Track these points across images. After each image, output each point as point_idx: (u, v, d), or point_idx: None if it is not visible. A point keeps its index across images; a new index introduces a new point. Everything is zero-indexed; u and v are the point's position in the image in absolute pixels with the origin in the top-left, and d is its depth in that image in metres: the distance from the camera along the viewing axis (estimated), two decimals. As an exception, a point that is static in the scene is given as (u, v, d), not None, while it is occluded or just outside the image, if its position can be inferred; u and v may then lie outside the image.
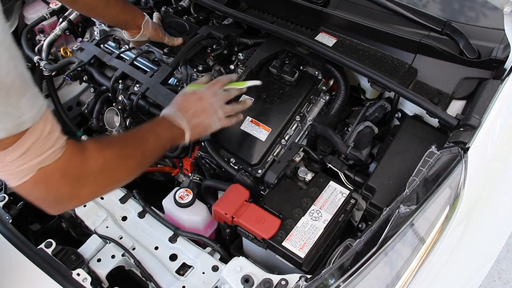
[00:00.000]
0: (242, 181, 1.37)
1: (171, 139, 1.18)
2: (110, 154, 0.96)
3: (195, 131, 1.22)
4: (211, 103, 1.26)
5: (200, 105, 1.25)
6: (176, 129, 1.19)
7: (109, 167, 0.96)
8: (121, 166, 1.00)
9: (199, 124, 1.23)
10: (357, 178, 1.36)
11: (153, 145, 1.11)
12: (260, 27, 1.56)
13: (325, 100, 1.56)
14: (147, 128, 1.15)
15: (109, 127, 1.69)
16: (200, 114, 1.24)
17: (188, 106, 1.24)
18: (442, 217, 1.07)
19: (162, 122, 1.19)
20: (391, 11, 1.49)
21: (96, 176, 0.93)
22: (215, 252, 1.32)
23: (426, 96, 1.35)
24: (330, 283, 1.01)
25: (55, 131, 0.82)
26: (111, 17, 1.57)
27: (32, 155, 0.79)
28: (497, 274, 2.33)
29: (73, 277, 1.18)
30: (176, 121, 1.19)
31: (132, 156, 1.04)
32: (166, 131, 1.17)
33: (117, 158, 0.99)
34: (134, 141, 1.07)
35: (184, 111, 1.22)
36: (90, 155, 0.91)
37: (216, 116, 1.27)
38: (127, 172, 1.04)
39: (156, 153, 1.13)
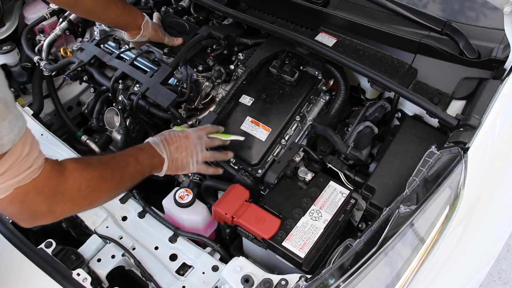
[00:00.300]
0: (242, 181, 1.37)
1: (150, 167, 1.20)
2: (89, 175, 0.99)
3: (172, 165, 1.25)
4: (195, 144, 1.30)
5: (184, 142, 1.28)
6: (157, 158, 1.22)
7: (88, 187, 0.98)
8: (99, 187, 1.02)
9: (178, 160, 1.26)
10: (357, 178, 1.36)
11: (133, 170, 1.13)
12: (260, 27, 1.56)
13: (325, 100, 1.56)
14: (129, 153, 1.18)
15: (109, 127, 1.69)
16: (182, 150, 1.27)
17: (173, 140, 1.27)
18: (442, 217, 1.07)
19: (145, 149, 1.22)
20: (391, 11, 1.49)
21: (73, 194, 0.95)
22: (215, 252, 1.32)
23: (426, 96, 1.35)
24: (330, 283, 1.01)
25: (33, 151, 0.84)
26: (111, 19, 1.57)
27: (10, 176, 0.81)
28: (497, 274, 2.33)
29: (73, 277, 1.18)
30: (158, 150, 1.22)
31: (111, 179, 1.06)
32: (147, 159, 1.19)
33: (96, 179, 1.01)
34: (115, 164, 1.09)
35: (168, 144, 1.25)
36: (70, 174, 0.93)
37: (195, 158, 1.30)
38: (104, 193, 1.06)
39: (134, 178, 1.15)
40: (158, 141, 1.25)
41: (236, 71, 1.64)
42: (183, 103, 1.57)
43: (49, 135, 1.62)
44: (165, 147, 1.24)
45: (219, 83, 1.63)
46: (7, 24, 1.93)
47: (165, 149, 1.24)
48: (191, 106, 1.60)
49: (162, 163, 1.22)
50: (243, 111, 1.51)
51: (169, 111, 1.52)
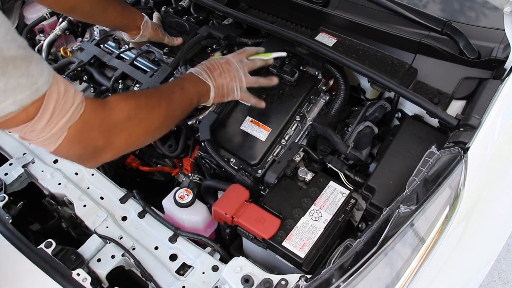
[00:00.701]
0: (242, 181, 1.37)
1: (197, 94, 1.20)
2: (135, 103, 0.99)
3: (218, 91, 1.25)
4: (237, 68, 1.29)
5: (226, 67, 1.28)
6: (202, 85, 1.22)
7: (136, 115, 0.98)
8: (148, 115, 1.03)
9: (223, 85, 1.26)
10: (357, 178, 1.36)
11: (180, 98, 1.14)
12: (260, 27, 1.56)
13: (325, 100, 1.56)
14: (173, 83, 1.21)
15: (109, 127, 1.69)
16: (226, 76, 1.27)
17: (215, 66, 1.27)
18: (442, 217, 1.07)
19: (189, 78, 1.23)
20: (391, 11, 1.49)
21: (124, 124, 0.95)
22: (215, 252, 1.32)
23: (426, 96, 1.35)
24: (330, 283, 1.01)
25: (69, 89, 0.85)
26: (110, 22, 1.57)
27: (59, 116, 0.83)
28: (497, 274, 2.33)
29: (73, 277, 1.18)
30: (202, 77, 1.23)
31: (158, 106, 1.06)
32: (192, 86, 1.19)
33: (143, 106, 1.02)
34: (159, 93, 1.10)
35: (211, 71, 1.25)
36: (114, 105, 0.94)
37: (239, 83, 1.29)
38: (156, 121, 1.06)
39: (183, 106, 1.16)
40: (200, 70, 1.25)
41: (236, 71, 1.64)
42: (183, 103, 1.57)
43: (49, 135, 1.62)
44: (209, 74, 1.24)
45: (219, 83, 1.63)
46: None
47: (208, 76, 1.23)
48: (191, 106, 1.60)
49: (208, 91, 1.22)
50: (243, 111, 1.51)
51: (169, 111, 1.51)
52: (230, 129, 1.49)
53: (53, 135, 0.84)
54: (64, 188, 1.43)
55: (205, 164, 1.53)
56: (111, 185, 1.46)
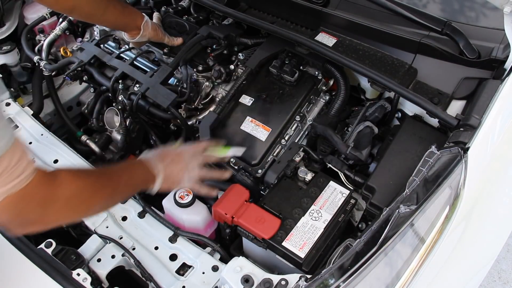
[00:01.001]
0: (242, 181, 1.37)
1: (143, 181, 1.19)
2: (82, 183, 0.98)
3: (166, 180, 1.22)
4: (189, 160, 1.27)
5: (177, 158, 1.27)
6: (149, 173, 1.20)
7: (80, 194, 0.98)
8: (92, 197, 1.02)
9: (171, 175, 1.24)
10: (357, 178, 1.36)
11: (125, 184, 1.13)
12: (260, 27, 1.56)
13: (325, 100, 1.56)
14: (123, 167, 1.19)
15: (109, 127, 1.69)
16: (175, 166, 1.25)
17: (166, 156, 1.26)
18: (442, 217, 1.07)
19: (138, 164, 1.22)
20: (391, 11, 1.49)
21: (65, 203, 0.94)
22: (215, 252, 1.32)
23: (426, 96, 1.35)
24: (330, 283, 1.01)
25: (23, 160, 0.84)
26: (110, 22, 1.57)
27: (1, 184, 0.81)
28: (497, 274, 2.33)
29: (73, 277, 1.18)
30: (151, 166, 1.21)
31: (103, 189, 1.06)
32: (140, 174, 1.19)
33: (89, 188, 1.01)
34: (108, 176, 1.10)
35: (161, 159, 1.24)
36: (62, 182, 0.93)
37: (189, 175, 1.26)
38: (97, 203, 1.06)
39: (127, 191, 1.16)
40: (151, 158, 1.24)
41: (236, 71, 1.64)
42: (183, 103, 1.57)
43: (49, 135, 1.62)
44: (158, 163, 1.22)
45: (219, 83, 1.63)
46: (7, 24, 1.93)
47: (158, 164, 1.22)
48: (191, 106, 1.60)
49: (155, 178, 1.20)
50: (243, 111, 1.51)
51: (169, 111, 1.52)
52: (230, 129, 1.49)
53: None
54: (64, 188, 1.43)
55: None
56: (111, 185, 1.46)
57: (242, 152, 1.39)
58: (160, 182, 1.21)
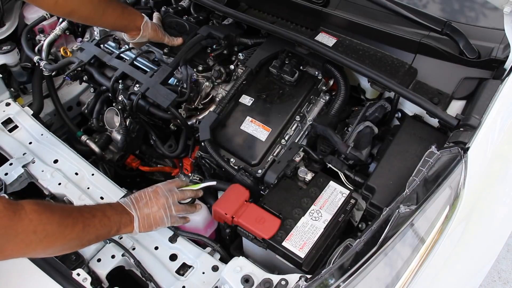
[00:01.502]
0: (242, 181, 1.37)
1: (118, 223, 1.16)
2: (48, 218, 0.96)
3: (145, 222, 1.21)
4: (166, 197, 1.26)
5: (154, 196, 1.25)
6: (125, 215, 1.18)
7: (44, 231, 0.95)
8: (57, 234, 0.99)
9: (150, 215, 1.22)
10: (357, 178, 1.36)
11: (98, 224, 1.10)
12: (260, 27, 1.56)
13: (325, 100, 1.56)
14: (98, 207, 1.16)
15: (109, 127, 1.69)
16: (153, 205, 1.23)
17: (142, 196, 1.24)
18: (442, 217, 1.07)
19: (114, 206, 1.19)
20: (391, 11, 1.49)
21: (27, 236, 0.92)
22: (215, 252, 1.32)
23: (426, 96, 1.35)
24: (330, 283, 1.01)
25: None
26: (109, 24, 1.57)
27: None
28: (497, 274, 2.33)
29: (73, 277, 1.18)
30: (127, 208, 1.20)
31: (72, 227, 1.03)
32: (115, 215, 1.16)
33: (55, 224, 0.98)
34: (78, 214, 1.07)
35: (137, 201, 1.22)
36: (26, 215, 0.91)
37: (168, 212, 1.25)
38: (62, 240, 1.02)
39: (100, 232, 1.11)
40: (127, 200, 1.23)
41: (236, 71, 1.64)
42: (183, 103, 1.57)
43: (49, 135, 1.62)
44: (134, 204, 1.21)
45: (219, 83, 1.63)
46: (7, 24, 1.93)
47: (133, 206, 1.21)
48: (191, 106, 1.60)
49: (132, 221, 1.19)
50: (243, 111, 1.51)
51: (169, 111, 1.52)
52: (230, 129, 1.49)
53: None
54: (64, 188, 1.43)
55: (205, 164, 1.53)
56: (111, 185, 1.46)
57: (214, 183, 1.39)
58: (138, 224, 1.19)
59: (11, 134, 1.63)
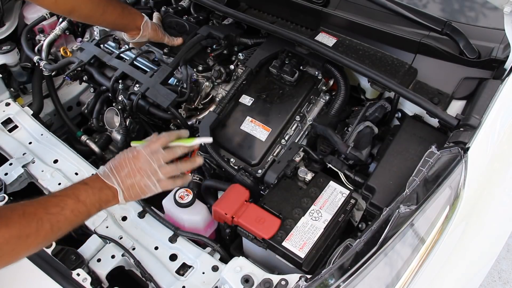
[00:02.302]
0: (242, 181, 1.37)
1: (98, 203, 1.06)
2: (7, 234, 0.89)
3: (129, 192, 1.10)
4: (148, 162, 1.11)
5: (135, 164, 1.11)
6: (105, 190, 1.08)
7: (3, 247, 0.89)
8: (18, 247, 0.92)
9: (134, 185, 1.10)
10: (357, 178, 1.36)
11: (70, 215, 1.00)
12: (260, 27, 1.56)
13: (325, 100, 1.56)
14: (68, 193, 1.04)
15: (109, 127, 1.69)
16: (136, 174, 1.10)
17: (122, 165, 1.11)
18: (442, 217, 1.07)
19: (90, 184, 1.08)
20: (391, 11, 1.49)
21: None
22: (215, 252, 1.32)
23: (426, 96, 1.35)
24: (330, 283, 1.01)
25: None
26: (109, 23, 1.57)
27: None
28: (497, 274, 2.33)
29: (73, 277, 1.18)
30: (108, 181, 1.09)
31: (36, 233, 0.94)
32: (91, 195, 1.05)
33: (15, 239, 0.91)
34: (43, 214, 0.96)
35: (118, 171, 1.10)
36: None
37: (154, 178, 1.11)
38: (26, 250, 0.96)
39: (73, 221, 1.02)
40: (107, 171, 1.10)
41: (236, 71, 1.64)
42: (183, 103, 1.57)
43: (49, 135, 1.62)
44: (115, 176, 1.09)
45: (219, 83, 1.63)
46: (7, 24, 1.93)
47: (115, 178, 1.09)
48: (191, 106, 1.60)
49: (115, 195, 1.08)
50: (243, 111, 1.51)
51: (169, 111, 1.52)
52: (230, 129, 1.49)
53: None
54: (64, 188, 1.43)
55: (205, 164, 1.53)
56: (111, 185, 1.46)
57: (210, 140, 1.28)
58: (123, 196, 1.10)
59: (11, 134, 1.63)
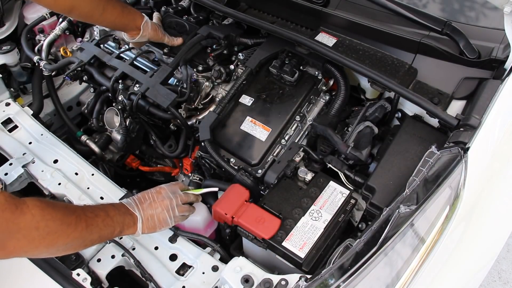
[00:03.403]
0: (242, 181, 1.37)
1: (121, 224, 1.14)
2: (50, 215, 0.95)
3: (148, 223, 1.20)
4: (170, 198, 1.25)
5: (158, 197, 1.23)
6: (128, 216, 1.17)
7: (46, 227, 0.94)
8: (60, 231, 0.98)
9: (154, 216, 1.21)
10: (357, 178, 1.36)
11: (101, 223, 1.09)
12: (260, 27, 1.56)
13: (325, 100, 1.56)
14: (100, 207, 1.14)
15: (109, 127, 1.69)
16: (157, 206, 1.22)
17: (145, 198, 1.23)
18: (442, 217, 1.07)
19: (117, 206, 1.18)
20: (391, 11, 1.49)
21: (29, 232, 0.91)
22: (215, 252, 1.32)
23: (426, 96, 1.35)
24: (330, 283, 1.01)
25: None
26: (109, 22, 1.57)
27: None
28: (497, 274, 2.33)
29: (73, 277, 1.18)
30: (131, 208, 1.18)
31: (74, 225, 1.02)
32: (118, 215, 1.14)
33: (57, 221, 0.97)
34: (81, 213, 1.06)
35: (141, 202, 1.21)
36: (28, 210, 0.90)
37: (171, 213, 1.24)
38: (65, 238, 1.01)
39: (103, 232, 1.10)
40: (130, 201, 1.21)
41: (236, 71, 1.64)
42: (183, 103, 1.57)
43: (49, 135, 1.62)
44: (138, 205, 1.20)
45: (219, 83, 1.63)
46: (7, 24, 1.93)
47: (137, 207, 1.19)
48: (191, 106, 1.60)
49: (135, 222, 1.17)
50: (243, 111, 1.51)
51: (169, 111, 1.52)
52: (230, 129, 1.49)
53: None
54: (64, 188, 1.43)
55: (205, 164, 1.53)
56: (111, 185, 1.46)
57: (216, 189, 1.40)
58: (141, 225, 1.18)
59: (11, 134, 1.63)
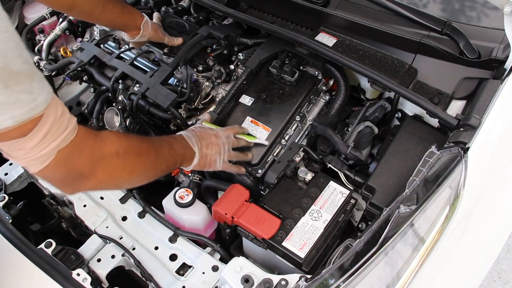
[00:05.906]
0: (242, 181, 1.37)
1: (182, 157, 1.21)
2: (127, 142, 1.00)
3: (202, 160, 1.26)
4: (223, 143, 1.31)
5: (214, 140, 1.30)
6: (189, 150, 1.23)
7: (125, 153, 0.98)
8: (136, 158, 1.03)
9: (207, 156, 1.27)
10: (357, 178, 1.36)
11: (167, 154, 1.14)
12: (260, 27, 1.56)
13: (325, 100, 1.56)
14: (164, 139, 1.20)
15: (109, 127, 1.69)
16: (212, 148, 1.28)
17: (204, 136, 1.29)
18: (442, 217, 1.07)
19: (179, 139, 1.24)
20: (391, 11, 1.49)
21: (112, 158, 0.95)
22: (215, 252, 1.32)
23: (426, 96, 1.35)
24: (330, 283, 1.01)
25: (66, 113, 0.85)
26: (109, 21, 1.57)
27: (51, 138, 0.81)
28: (497, 274, 2.33)
29: (73, 277, 1.18)
30: (191, 143, 1.24)
31: (147, 153, 1.07)
32: (180, 148, 1.20)
33: (134, 148, 1.02)
34: (150, 142, 1.11)
35: (200, 139, 1.27)
36: (106, 138, 0.94)
37: (222, 156, 1.30)
38: (141, 166, 1.06)
39: (169, 162, 1.15)
40: (190, 135, 1.26)
41: (236, 71, 1.64)
42: (183, 103, 1.57)
43: (49, 135, 1.62)
44: (197, 142, 1.25)
45: (219, 83, 1.63)
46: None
47: (197, 143, 1.25)
48: (191, 106, 1.60)
49: (193, 157, 1.23)
50: (243, 111, 1.51)
51: (169, 111, 1.52)
52: (230, 129, 1.49)
53: (41, 156, 0.81)
54: (64, 188, 1.43)
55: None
56: (111, 185, 1.46)
57: (267, 143, 1.42)
58: (196, 162, 1.24)
59: (11, 134, 1.63)
